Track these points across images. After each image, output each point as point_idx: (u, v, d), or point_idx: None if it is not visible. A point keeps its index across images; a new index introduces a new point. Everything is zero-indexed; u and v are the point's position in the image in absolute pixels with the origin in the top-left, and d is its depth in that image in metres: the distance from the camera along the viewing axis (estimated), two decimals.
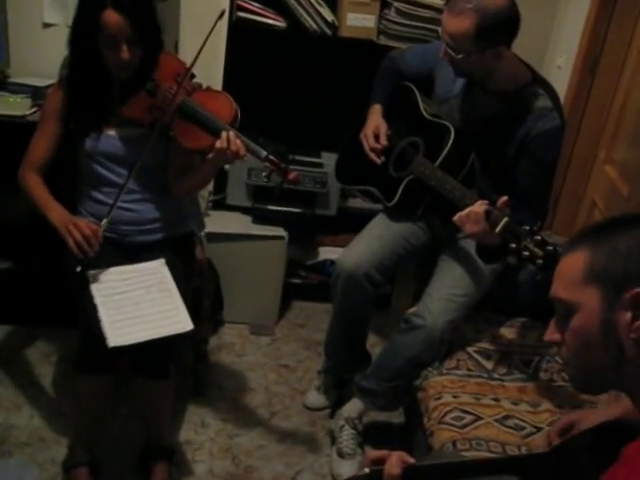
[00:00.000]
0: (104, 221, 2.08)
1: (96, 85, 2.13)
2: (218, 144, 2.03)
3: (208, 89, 2.22)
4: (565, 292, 1.17)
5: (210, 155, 2.09)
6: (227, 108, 2.12)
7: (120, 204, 2.21)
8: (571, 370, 1.21)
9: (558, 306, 1.19)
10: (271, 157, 2.03)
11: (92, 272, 2.04)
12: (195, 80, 2.21)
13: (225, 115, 2.10)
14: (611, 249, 1.12)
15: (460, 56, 2.10)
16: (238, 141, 2.03)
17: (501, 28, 2.06)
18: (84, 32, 2.04)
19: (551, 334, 1.22)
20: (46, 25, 2.94)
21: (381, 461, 1.28)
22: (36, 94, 2.71)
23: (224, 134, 2.03)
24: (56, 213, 2.10)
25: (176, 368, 2.26)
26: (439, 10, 2.96)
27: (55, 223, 2.08)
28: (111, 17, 1.98)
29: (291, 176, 2.06)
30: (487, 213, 1.99)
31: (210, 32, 2.10)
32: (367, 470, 1.26)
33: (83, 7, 2.06)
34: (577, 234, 1.21)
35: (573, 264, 1.16)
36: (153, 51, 2.14)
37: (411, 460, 1.28)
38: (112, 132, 2.17)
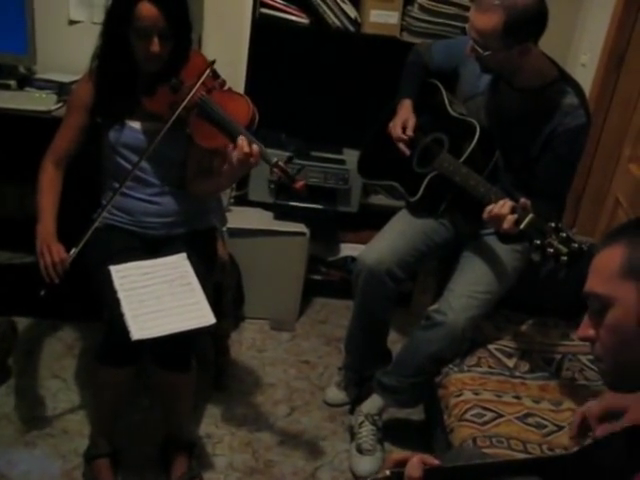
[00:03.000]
0: (73, 250, 2.09)
1: (124, 76, 2.16)
2: (235, 152, 2.01)
3: (229, 90, 2.22)
4: (601, 287, 1.14)
5: (225, 166, 2.08)
6: (245, 111, 2.12)
7: (142, 197, 2.24)
8: (604, 367, 1.19)
9: (592, 301, 1.17)
10: (280, 164, 2.01)
11: (114, 267, 2.05)
12: (219, 79, 2.22)
13: (242, 118, 2.10)
14: None
15: (487, 53, 2.09)
16: (254, 146, 2.01)
17: (529, 24, 2.04)
18: (117, 22, 2.07)
19: (585, 330, 1.19)
20: (72, 22, 2.98)
21: (403, 463, 1.26)
22: (61, 90, 2.76)
23: (240, 140, 2.00)
24: (43, 227, 2.13)
25: (197, 362, 2.28)
26: (462, 7, 2.96)
27: (37, 235, 2.12)
28: (146, 9, 2.01)
29: (298, 185, 2.02)
30: (512, 211, 1.98)
31: (201, 81, 2.12)
32: (388, 472, 1.26)
33: None
34: (615, 228, 1.20)
35: (610, 258, 1.14)
36: (182, 48, 2.16)
37: (435, 462, 1.27)
38: (136, 125, 2.20)
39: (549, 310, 2.56)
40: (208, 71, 2.14)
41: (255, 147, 2.01)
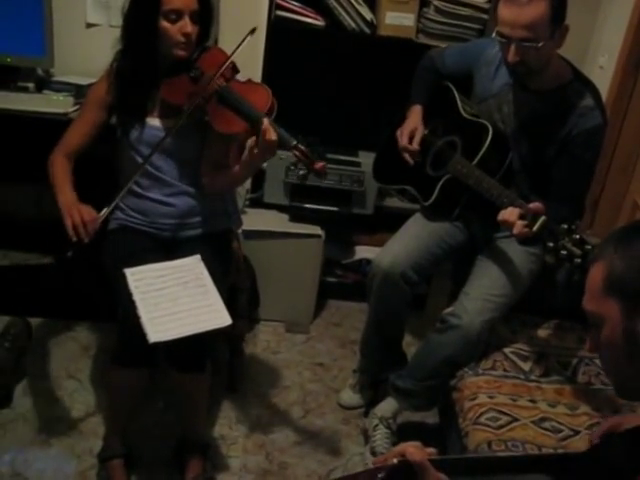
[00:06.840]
0: (104, 210, 2.09)
1: (144, 73, 2.17)
2: (261, 138, 2.00)
3: (248, 81, 2.23)
4: (591, 304, 1.16)
5: (245, 155, 2.08)
6: (264, 98, 2.12)
7: (158, 197, 2.26)
8: (609, 378, 1.22)
9: (589, 318, 1.18)
10: (300, 146, 2.00)
11: (129, 270, 2.05)
12: (239, 72, 2.23)
13: (262, 105, 2.10)
14: (628, 258, 1.10)
15: (541, 44, 2.03)
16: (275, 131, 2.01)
17: None
18: (145, 11, 2.09)
19: (590, 345, 1.21)
20: (89, 25, 3.01)
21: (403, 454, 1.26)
22: (79, 92, 2.78)
23: (265, 124, 2.00)
24: (65, 197, 2.13)
25: (212, 364, 2.28)
26: (478, 8, 2.95)
27: (60, 204, 2.11)
28: None
29: (317, 166, 2.00)
30: (522, 217, 1.97)
31: (239, 45, 2.12)
32: (395, 461, 1.25)
33: None
34: (603, 241, 1.20)
35: (596, 275, 1.15)
36: (202, 37, 2.18)
37: (430, 449, 1.26)
38: (156, 122, 2.21)
39: (565, 313, 2.54)
40: (228, 62, 2.15)
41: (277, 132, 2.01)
